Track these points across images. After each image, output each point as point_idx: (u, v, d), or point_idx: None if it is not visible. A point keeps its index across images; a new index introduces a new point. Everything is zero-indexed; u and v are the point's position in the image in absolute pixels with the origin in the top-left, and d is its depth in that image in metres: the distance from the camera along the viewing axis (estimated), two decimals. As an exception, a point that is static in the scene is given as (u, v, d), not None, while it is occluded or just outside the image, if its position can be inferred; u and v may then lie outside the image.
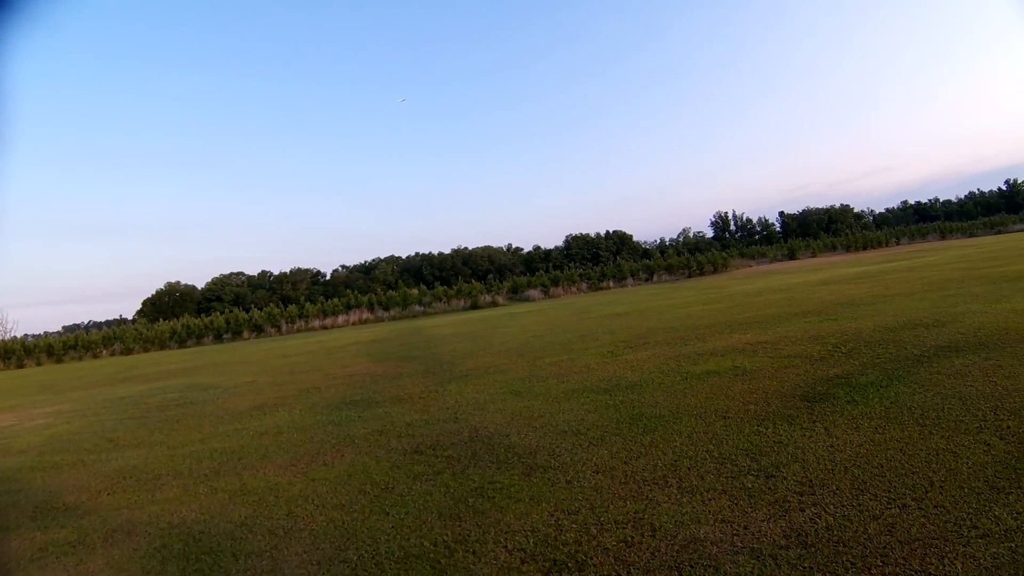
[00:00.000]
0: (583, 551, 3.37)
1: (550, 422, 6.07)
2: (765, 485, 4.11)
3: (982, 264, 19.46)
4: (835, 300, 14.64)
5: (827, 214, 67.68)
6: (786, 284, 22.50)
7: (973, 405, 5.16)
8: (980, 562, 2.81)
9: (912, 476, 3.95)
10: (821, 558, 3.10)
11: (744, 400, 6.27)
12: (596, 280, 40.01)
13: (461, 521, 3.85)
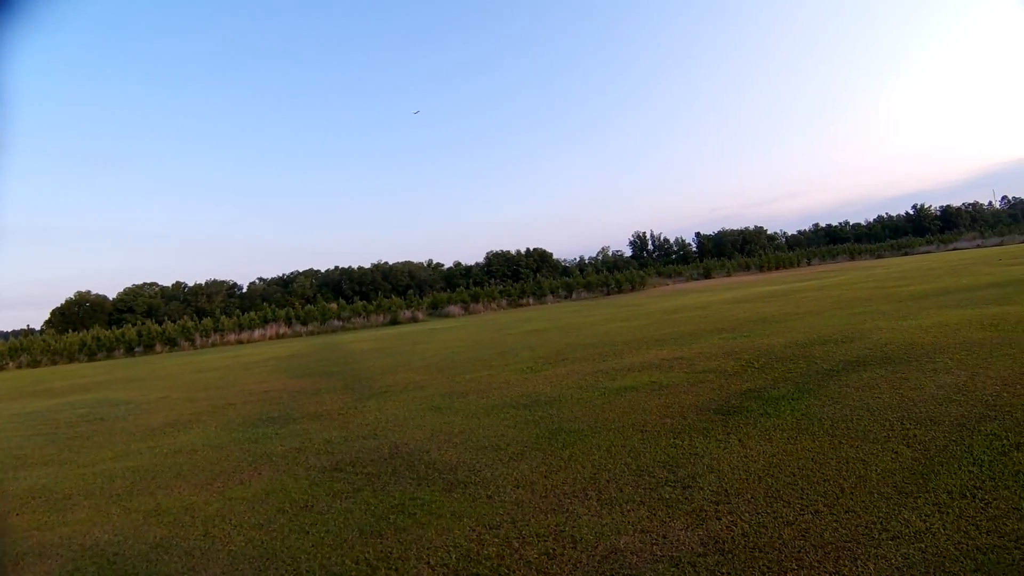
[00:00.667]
0: (505, 565, 4.14)
1: (470, 438, 7.47)
2: (682, 495, 5.18)
3: (889, 284, 24.69)
4: (749, 317, 18.19)
5: (742, 235, 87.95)
6: (702, 302, 27.65)
7: (881, 415, 6.74)
8: (891, 563, 3.79)
9: (823, 483, 5.10)
10: (738, 564, 3.95)
11: (661, 414, 7.85)
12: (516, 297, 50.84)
13: (382, 538, 4.70)
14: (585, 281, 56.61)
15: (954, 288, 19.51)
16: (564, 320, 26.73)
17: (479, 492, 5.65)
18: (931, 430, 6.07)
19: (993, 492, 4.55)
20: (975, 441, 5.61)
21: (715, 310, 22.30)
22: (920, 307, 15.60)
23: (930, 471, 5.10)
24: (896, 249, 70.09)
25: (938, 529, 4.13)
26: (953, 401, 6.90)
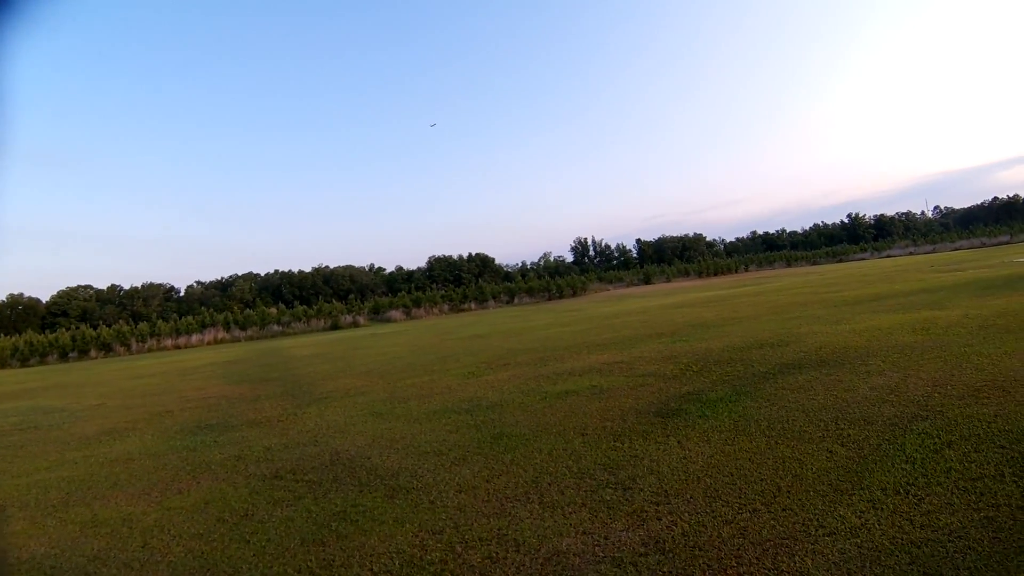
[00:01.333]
0: (449, 570, 4.21)
1: (412, 443, 7.61)
2: (623, 497, 5.33)
3: (824, 290, 25.76)
4: (687, 322, 18.82)
5: (681, 242, 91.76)
6: (641, 307, 28.50)
7: (816, 416, 7.00)
8: (828, 558, 3.94)
9: (761, 483, 5.27)
10: (679, 562, 4.05)
11: (601, 417, 8.05)
12: (458, 302, 52.32)
13: (324, 546, 4.76)
14: (527, 286, 58.37)
15: (887, 294, 20.49)
16: (506, 325, 27.31)
17: (421, 497, 5.72)
18: (865, 430, 6.33)
19: (926, 488, 4.77)
20: (907, 440, 5.88)
21: (655, 315, 22.98)
22: (854, 312, 16.31)
23: (864, 469, 5.31)
24: (831, 256, 73.46)
25: (873, 525, 4.30)
26: (886, 402, 7.22)
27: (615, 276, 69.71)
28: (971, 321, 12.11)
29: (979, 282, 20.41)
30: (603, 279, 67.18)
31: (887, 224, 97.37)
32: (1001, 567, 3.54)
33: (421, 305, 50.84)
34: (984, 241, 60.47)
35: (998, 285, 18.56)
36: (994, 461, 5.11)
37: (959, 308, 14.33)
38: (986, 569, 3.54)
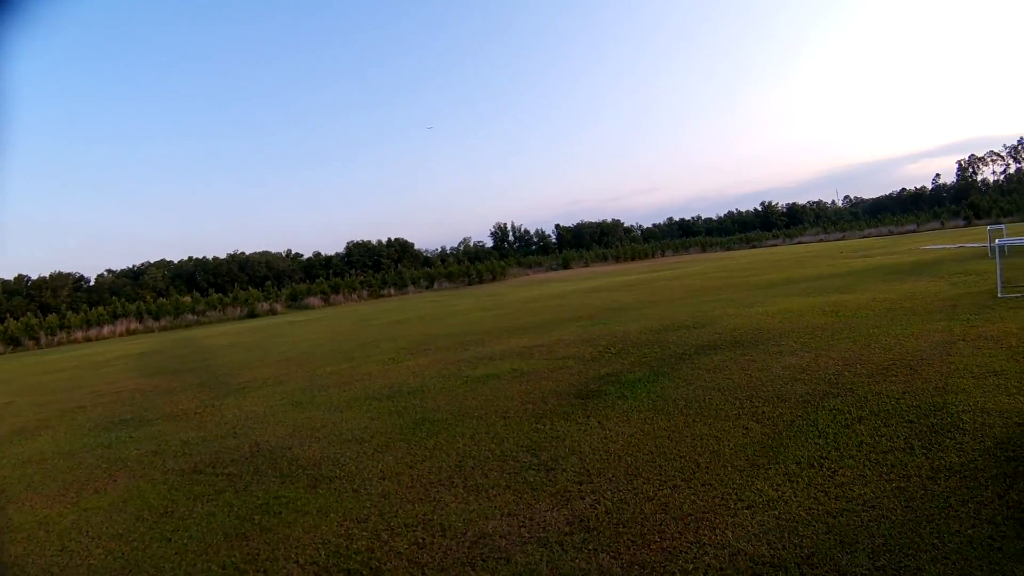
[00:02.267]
0: (376, 558, 4.23)
1: (333, 432, 7.69)
2: (546, 478, 5.45)
3: (738, 274, 26.90)
4: (606, 306, 19.38)
5: (600, 227, 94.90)
6: (560, 291, 29.16)
7: (731, 395, 7.33)
8: (748, 529, 4.14)
9: (680, 460, 5.49)
10: (603, 540, 4.18)
11: (523, 400, 8.24)
12: (377, 287, 52.88)
13: (248, 540, 4.75)
14: (447, 271, 58.88)
15: (798, 278, 21.57)
16: (426, 310, 27.63)
17: (345, 486, 5.72)
18: (779, 407, 6.67)
19: (839, 461, 5.06)
20: (820, 416, 6.21)
21: (574, 299, 23.51)
22: (767, 295, 17.13)
23: (779, 444, 5.59)
24: (745, 242, 76.75)
25: (790, 497, 4.53)
26: (798, 380, 7.62)
27: (534, 261, 71.46)
28: (879, 304, 12.91)
29: (886, 268, 21.76)
30: (522, 264, 68.78)
31: (799, 212, 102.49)
32: (914, 534, 3.79)
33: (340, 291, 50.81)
34: (892, 230, 64.26)
35: (904, 271, 19.81)
36: (903, 435, 5.47)
37: (867, 292, 15.24)
38: (899, 536, 3.78)
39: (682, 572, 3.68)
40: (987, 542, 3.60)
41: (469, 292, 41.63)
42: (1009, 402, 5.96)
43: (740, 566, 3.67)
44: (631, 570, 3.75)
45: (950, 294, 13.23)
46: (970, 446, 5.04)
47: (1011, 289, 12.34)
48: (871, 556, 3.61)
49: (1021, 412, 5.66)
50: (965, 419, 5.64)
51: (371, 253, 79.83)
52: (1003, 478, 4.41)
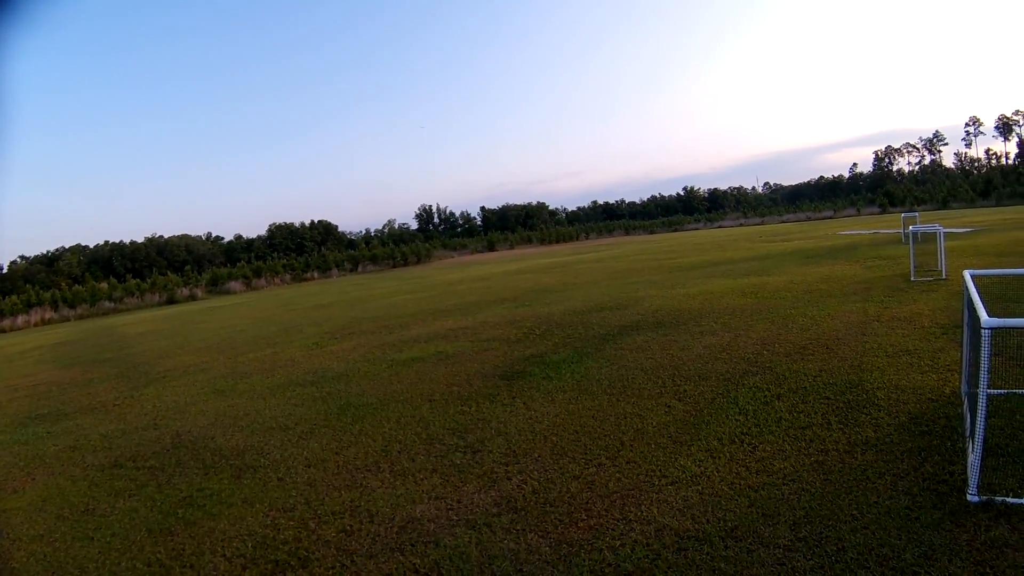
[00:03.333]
0: (304, 547, 4.21)
1: (257, 420, 7.61)
2: (473, 460, 5.49)
3: (660, 257, 27.52)
4: (530, 288, 19.52)
5: (525, 210, 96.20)
6: (485, 274, 29.17)
7: (654, 374, 7.51)
8: (672, 505, 4.24)
9: (605, 438, 5.58)
10: (531, 519, 4.23)
11: (448, 383, 8.27)
12: (301, 271, 52.41)
13: (173, 535, 4.65)
14: (371, 254, 58.78)
15: (719, 261, 22.21)
16: (350, 294, 27.52)
17: (270, 475, 5.64)
18: (700, 385, 6.86)
19: (759, 437, 5.24)
20: (740, 394, 6.42)
21: (498, 281, 23.69)
22: (688, 277, 17.58)
23: (701, 421, 5.76)
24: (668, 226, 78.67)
25: (712, 472, 4.66)
26: (719, 359, 7.85)
27: (459, 243, 71.99)
28: (796, 286, 13.43)
29: (804, 252, 22.64)
30: (448, 246, 68.98)
31: (720, 197, 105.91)
32: (833, 505, 3.96)
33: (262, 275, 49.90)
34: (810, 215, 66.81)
35: (821, 255, 20.67)
36: (820, 411, 5.70)
37: (785, 275, 15.83)
38: (819, 508, 3.95)
39: (609, 549, 3.73)
40: (904, 512, 3.79)
41: (394, 275, 41.49)
42: (921, 379, 6.30)
43: (666, 541, 3.75)
44: (559, 548, 3.79)
45: (865, 277, 13.89)
46: (885, 421, 5.30)
47: (923, 273, 13.05)
48: (792, 528, 3.74)
49: (933, 388, 5.99)
50: (880, 396, 5.92)
51: (294, 236, 78.96)
52: (917, 451, 4.65)
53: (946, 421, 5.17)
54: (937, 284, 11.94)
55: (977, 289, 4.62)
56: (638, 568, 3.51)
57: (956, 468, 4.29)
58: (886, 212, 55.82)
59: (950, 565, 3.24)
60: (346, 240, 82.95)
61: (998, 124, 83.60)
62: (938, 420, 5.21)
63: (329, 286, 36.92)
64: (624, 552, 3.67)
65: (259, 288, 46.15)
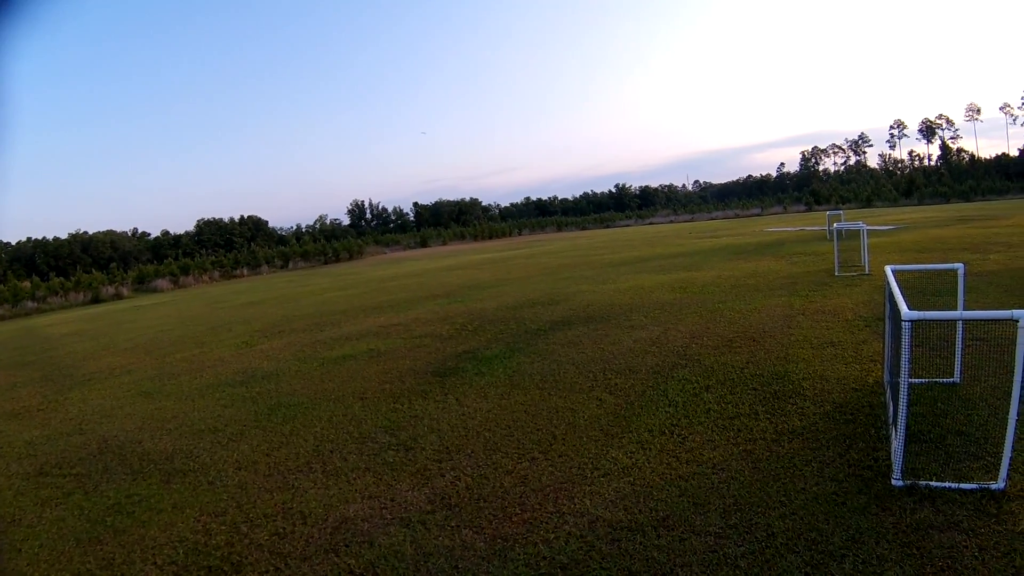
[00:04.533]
0: (237, 551, 4.12)
1: (185, 422, 7.46)
2: (406, 458, 5.47)
3: (592, 252, 27.88)
4: (463, 284, 19.57)
5: (458, 206, 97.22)
6: (418, 270, 29.08)
7: (585, 368, 7.61)
8: (605, 496, 4.30)
9: (537, 432, 5.63)
10: (466, 516, 4.23)
11: (380, 380, 8.21)
12: (230, 268, 51.78)
13: (102, 544, 4.53)
14: (302, 250, 58.44)
15: (649, 256, 22.66)
16: (280, 291, 27.03)
17: (200, 479, 5.50)
18: (631, 378, 6.98)
19: (689, 428, 5.35)
20: (670, 386, 6.55)
21: (431, 277, 23.65)
22: (619, 273, 17.89)
23: (632, 414, 5.86)
24: (599, 223, 79.81)
25: (643, 464, 4.75)
26: (649, 353, 8.00)
27: (392, 239, 71.49)
28: (724, 281, 13.82)
29: (732, 248, 23.31)
30: (380, 242, 68.54)
31: (651, 195, 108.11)
32: (762, 493, 4.09)
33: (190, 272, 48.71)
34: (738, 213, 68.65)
35: (748, 251, 21.30)
36: (748, 401, 5.86)
37: (714, 270, 16.26)
38: (748, 496, 4.06)
39: (544, 542, 3.76)
40: (831, 498, 3.94)
41: (325, 271, 40.92)
42: (846, 370, 6.55)
43: (599, 532, 3.80)
44: (494, 544, 3.80)
45: (791, 272, 14.39)
46: (811, 410, 5.49)
47: (847, 268, 13.63)
48: (723, 515, 3.83)
49: (857, 378, 6.23)
50: (806, 386, 6.13)
51: (223, 231, 77.62)
52: (843, 439, 4.84)
53: (870, 409, 5.39)
54: (860, 279, 12.43)
55: (898, 283, 4.84)
56: (573, 560, 3.53)
57: (880, 454, 4.48)
58: (812, 210, 57.88)
59: (877, 547, 3.38)
60: (277, 236, 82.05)
61: (921, 127, 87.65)
62: (862, 409, 5.43)
63: (259, 283, 36.22)
64: (558, 545, 3.70)
65: (187, 286, 45.12)
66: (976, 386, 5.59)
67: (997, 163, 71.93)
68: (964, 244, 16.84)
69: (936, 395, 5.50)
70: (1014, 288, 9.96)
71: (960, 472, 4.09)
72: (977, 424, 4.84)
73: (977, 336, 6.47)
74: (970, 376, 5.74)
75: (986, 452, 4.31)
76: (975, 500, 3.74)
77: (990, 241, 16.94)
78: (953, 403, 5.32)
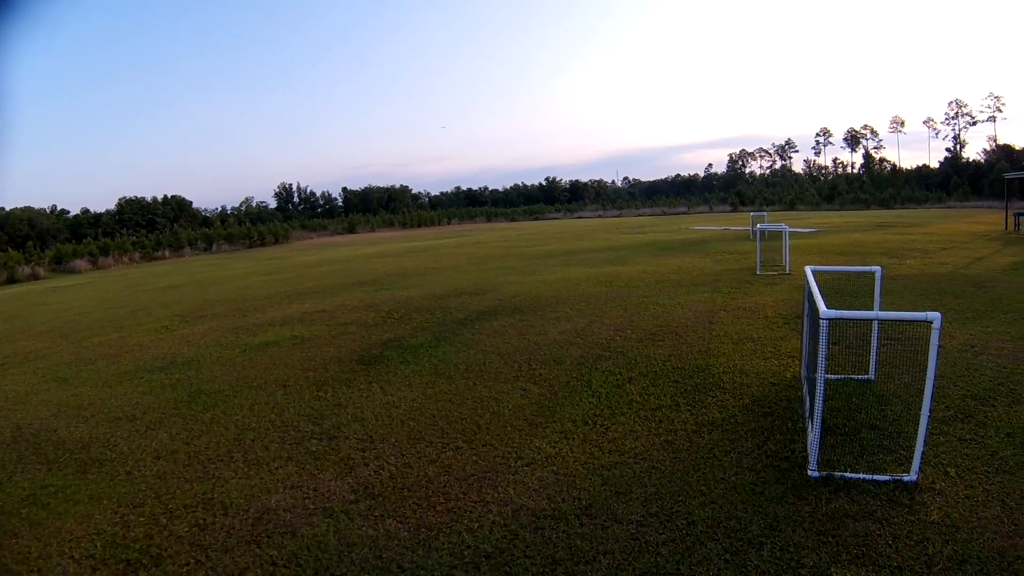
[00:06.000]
0: (156, 544, 3.98)
1: (102, 409, 7.24)
2: (329, 447, 5.39)
3: (520, 244, 28.01)
4: (390, 271, 19.37)
5: (388, 193, 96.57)
6: (345, 256, 28.66)
7: (510, 358, 7.66)
8: (529, 485, 4.35)
9: (462, 422, 5.65)
10: (389, 505, 4.20)
11: (304, 368, 8.07)
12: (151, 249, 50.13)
13: (16, 538, 4.36)
14: (227, 233, 56.80)
15: (577, 250, 22.89)
16: (203, 274, 26.00)
17: (117, 469, 5.30)
18: (555, 369, 7.06)
19: (611, 419, 5.46)
20: (594, 377, 6.66)
21: (358, 264, 23.34)
22: (546, 265, 18.04)
23: (556, 404, 5.93)
24: (529, 214, 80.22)
25: (567, 453, 4.81)
26: (574, 344, 8.10)
27: (319, 224, 70.30)
28: (649, 276, 14.09)
29: (657, 244, 23.80)
30: (307, 227, 67.45)
31: (581, 189, 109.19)
32: (683, 482, 4.20)
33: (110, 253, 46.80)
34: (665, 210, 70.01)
35: (674, 247, 21.80)
36: (670, 393, 6.01)
37: (639, 265, 16.58)
38: (669, 485, 4.17)
39: (468, 531, 3.77)
40: (749, 487, 4.08)
41: (250, 255, 39.83)
42: (764, 364, 6.78)
43: (523, 520, 3.83)
44: (418, 533, 3.80)
45: (714, 270, 14.78)
46: (730, 403, 5.67)
47: (768, 268, 14.13)
48: (644, 504, 3.92)
49: (775, 373, 6.47)
50: (725, 379, 6.32)
51: (145, 211, 74.78)
52: (761, 431, 5.02)
53: (787, 403, 5.61)
54: (781, 278, 12.88)
55: (817, 283, 5.03)
56: (497, 548, 3.56)
57: (797, 446, 4.67)
58: (737, 211, 59.53)
59: (794, 535, 3.52)
60: (201, 217, 79.45)
61: (847, 136, 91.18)
62: (780, 402, 5.64)
63: (181, 266, 34.98)
64: (482, 533, 3.72)
65: (106, 267, 43.27)
66: (890, 383, 5.88)
67: (918, 174, 75.35)
68: (882, 249, 17.63)
69: (851, 391, 5.77)
70: (928, 292, 10.51)
71: (874, 464, 4.31)
72: (891, 419, 5.10)
73: (891, 336, 6.80)
74: (884, 374, 6.05)
75: (899, 446, 4.55)
76: (888, 491, 3.94)
77: (907, 247, 17.81)
78: (867, 399, 5.59)
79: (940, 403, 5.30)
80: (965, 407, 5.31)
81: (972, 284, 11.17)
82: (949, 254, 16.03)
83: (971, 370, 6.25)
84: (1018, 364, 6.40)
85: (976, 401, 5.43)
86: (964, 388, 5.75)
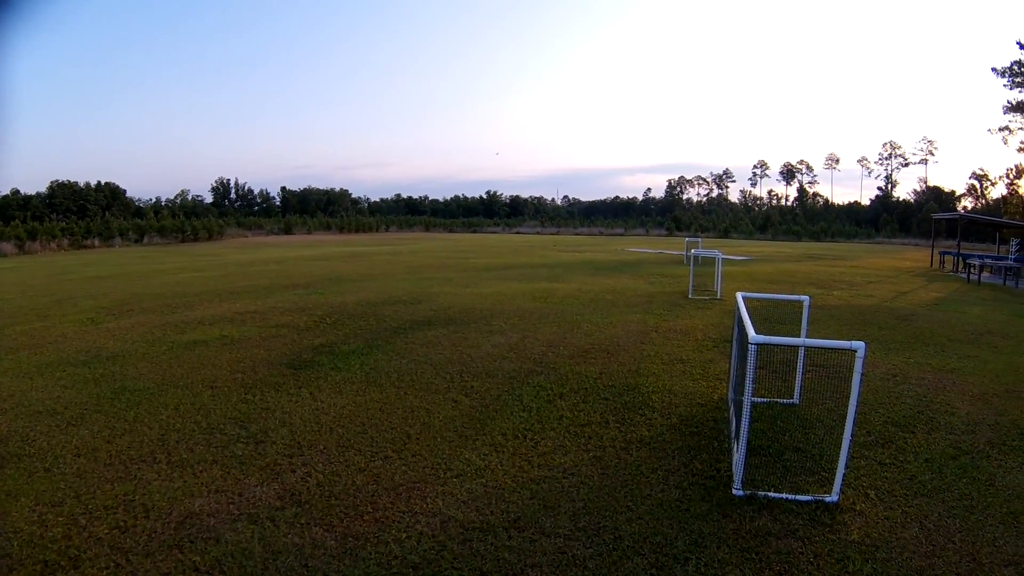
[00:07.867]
0: (75, 545, 3.82)
1: (22, 402, 6.98)
2: (255, 451, 5.27)
3: (457, 256, 28.07)
4: (325, 275, 19.17)
5: (327, 195, 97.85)
6: (280, 257, 28.23)
7: (443, 369, 7.65)
8: (458, 496, 4.34)
9: (392, 431, 5.60)
10: (316, 513, 4.14)
11: (232, 369, 7.87)
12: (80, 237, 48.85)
13: None
14: (159, 225, 55.85)
15: (513, 264, 23.08)
16: (133, 267, 25.10)
17: (36, 465, 5.07)
18: (487, 382, 7.09)
19: (542, 433, 5.50)
20: (525, 391, 6.70)
21: (292, 266, 23.03)
22: (482, 278, 18.11)
23: (487, 417, 5.95)
24: (468, 227, 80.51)
25: (496, 466, 4.83)
26: (506, 358, 8.15)
27: (255, 223, 69.75)
28: (584, 294, 14.28)
29: (594, 263, 24.16)
30: (243, 225, 66.66)
31: (521, 204, 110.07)
32: (610, 498, 4.26)
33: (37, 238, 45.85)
34: (603, 231, 71.24)
35: (609, 267, 22.17)
36: (599, 410, 6.09)
37: (574, 283, 16.78)
38: (597, 500, 4.22)
39: (395, 541, 3.73)
40: (675, 504, 4.17)
41: (182, 250, 38.74)
42: (693, 385, 6.95)
43: (451, 532, 3.82)
44: (345, 542, 3.75)
45: (648, 291, 15.08)
46: (659, 422, 5.78)
47: (700, 292, 14.48)
48: (572, 518, 3.96)
49: (703, 394, 6.64)
50: (655, 399, 6.44)
51: (77, 196, 73.00)
52: (687, 450, 5.14)
53: (714, 424, 5.76)
54: (712, 303, 13.23)
55: (747, 309, 5.18)
56: (424, 559, 3.54)
57: (722, 465, 4.79)
58: (672, 235, 60.92)
59: (718, 551, 3.62)
60: (134, 207, 78.29)
61: (783, 170, 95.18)
62: (707, 422, 5.79)
63: (111, 256, 33.84)
64: (410, 544, 3.70)
65: (33, 252, 41.85)
66: (813, 408, 6.13)
67: (849, 209, 79.26)
68: (811, 280, 18.37)
69: (776, 414, 5.97)
70: (853, 322, 10.99)
71: (797, 485, 4.47)
72: (814, 442, 5.30)
73: (816, 363, 7.11)
74: (808, 399, 6.30)
75: (821, 468, 4.74)
76: (810, 511, 4.10)
77: (835, 279, 18.62)
78: (792, 422, 5.79)
79: (862, 428, 5.55)
80: (886, 433, 5.58)
81: (896, 317, 11.71)
82: (875, 287, 16.83)
83: (892, 398, 6.57)
84: (937, 394, 6.77)
85: (896, 427, 5.71)
86: (885, 415, 6.04)
